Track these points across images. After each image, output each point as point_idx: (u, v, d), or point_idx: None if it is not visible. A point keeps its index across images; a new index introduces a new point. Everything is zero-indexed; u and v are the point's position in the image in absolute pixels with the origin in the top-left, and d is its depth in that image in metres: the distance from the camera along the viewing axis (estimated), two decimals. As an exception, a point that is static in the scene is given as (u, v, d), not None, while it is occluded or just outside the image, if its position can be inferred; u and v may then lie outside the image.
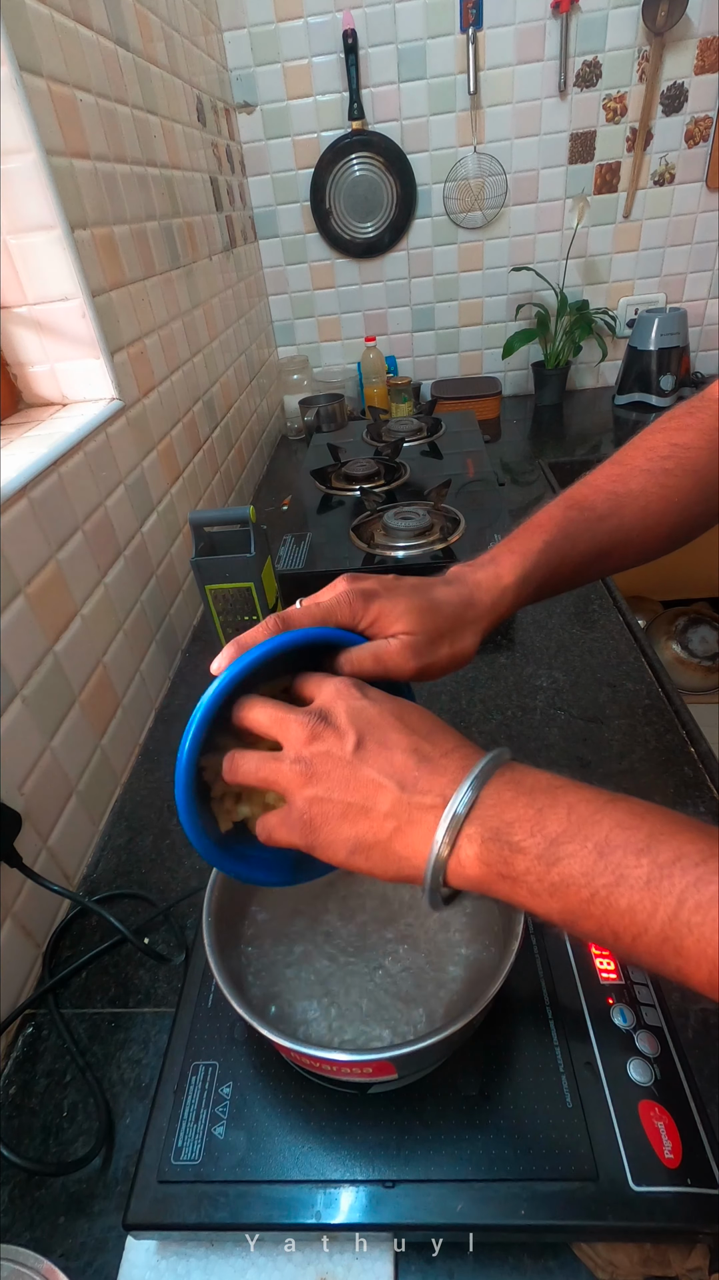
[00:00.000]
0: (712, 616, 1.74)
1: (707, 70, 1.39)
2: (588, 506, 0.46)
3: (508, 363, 1.70)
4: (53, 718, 0.62)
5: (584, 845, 0.27)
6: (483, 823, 0.29)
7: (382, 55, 1.40)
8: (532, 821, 0.28)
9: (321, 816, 0.32)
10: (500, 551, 0.44)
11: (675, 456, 0.47)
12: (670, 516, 0.47)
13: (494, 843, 0.28)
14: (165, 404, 0.94)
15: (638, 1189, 0.36)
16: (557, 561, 0.44)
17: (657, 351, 1.54)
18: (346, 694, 0.34)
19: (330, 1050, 0.37)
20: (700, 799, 0.63)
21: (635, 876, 0.25)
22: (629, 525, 0.46)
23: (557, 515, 0.45)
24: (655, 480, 0.46)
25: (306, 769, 0.32)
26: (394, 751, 0.32)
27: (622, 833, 0.27)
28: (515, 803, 0.29)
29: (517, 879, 0.28)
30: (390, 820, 0.31)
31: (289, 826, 0.33)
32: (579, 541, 0.45)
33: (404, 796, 0.31)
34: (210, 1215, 0.38)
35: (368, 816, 0.31)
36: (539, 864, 0.27)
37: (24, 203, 0.67)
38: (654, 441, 0.48)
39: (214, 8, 1.34)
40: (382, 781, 0.31)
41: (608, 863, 0.26)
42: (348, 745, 0.32)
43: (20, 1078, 0.50)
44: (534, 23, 1.36)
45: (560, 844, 0.27)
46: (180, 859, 0.65)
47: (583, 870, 0.27)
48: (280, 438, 1.71)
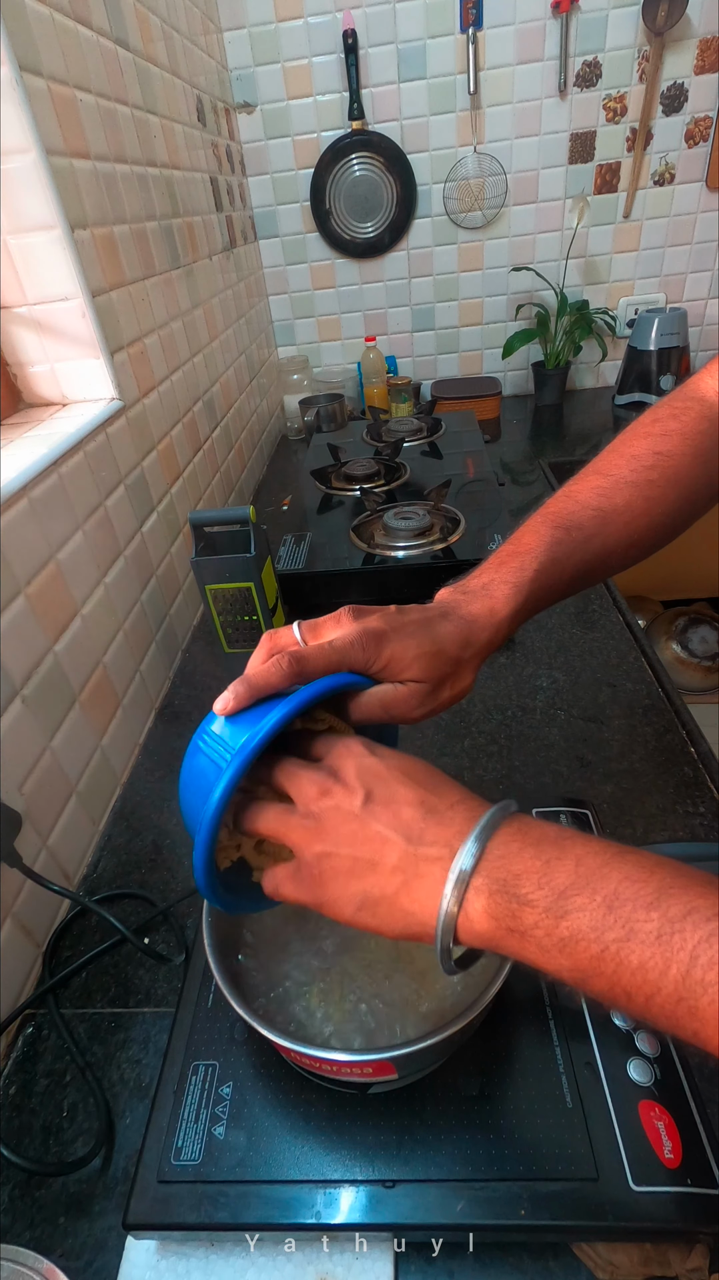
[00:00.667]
0: (712, 616, 1.74)
1: (707, 70, 1.39)
2: (575, 526, 0.45)
3: (508, 363, 1.70)
4: (53, 718, 0.62)
5: (593, 898, 0.26)
6: (490, 875, 0.28)
7: (381, 55, 1.40)
8: (539, 873, 0.28)
9: (330, 872, 0.32)
10: (492, 581, 0.43)
11: (659, 466, 0.46)
12: (653, 528, 0.46)
13: (502, 895, 0.28)
14: (165, 404, 0.94)
15: (638, 1189, 0.36)
16: (545, 587, 0.44)
17: (657, 351, 1.54)
18: (355, 751, 0.34)
19: (330, 1050, 0.37)
20: (700, 799, 0.63)
21: (646, 931, 0.25)
22: (614, 541, 0.46)
23: (545, 537, 0.45)
24: (640, 493, 0.46)
25: (316, 824, 0.32)
26: (401, 806, 0.32)
27: (631, 886, 0.26)
28: (522, 854, 0.28)
29: (525, 933, 0.27)
30: (397, 874, 0.30)
31: (298, 882, 0.33)
32: (567, 565, 0.45)
33: (410, 849, 0.30)
34: (210, 1215, 0.38)
35: (375, 871, 0.31)
36: (548, 917, 0.27)
37: (24, 203, 0.67)
38: (638, 449, 0.47)
39: (214, 8, 1.34)
40: (388, 835, 0.31)
41: (617, 916, 0.25)
42: (356, 800, 0.32)
43: (20, 1078, 0.50)
44: (534, 23, 1.36)
45: (569, 896, 0.27)
46: (180, 859, 0.65)
47: (592, 924, 0.26)
48: (280, 438, 1.71)
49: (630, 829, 0.61)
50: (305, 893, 0.33)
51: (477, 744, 0.72)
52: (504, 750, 0.71)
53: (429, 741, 0.73)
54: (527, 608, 0.43)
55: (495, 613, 0.42)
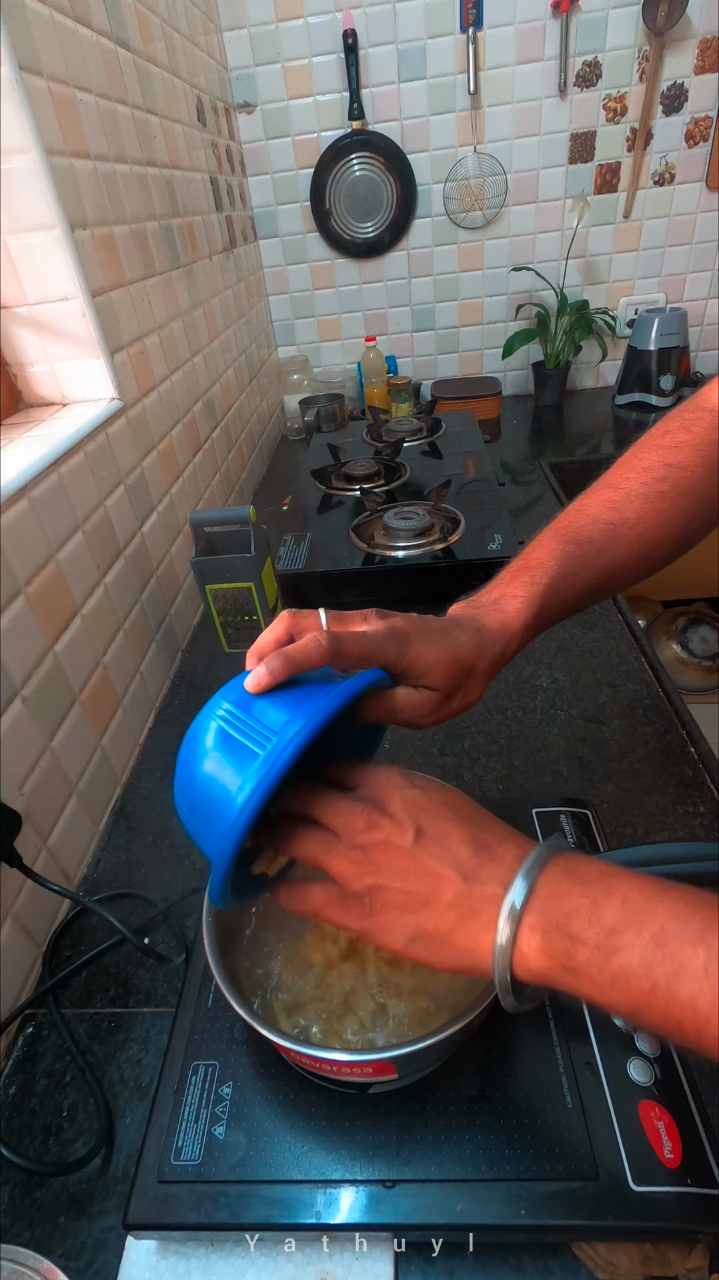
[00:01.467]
0: (712, 616, 1.74)
1: (707, 70, 1.39)
2: (585, 541, 0.45)
3: (508, 363, 1.70)
4: (53, 718, 0.62)
5: (641, 935, 0.27)
6: (543, 913, 0.29)
7: (381, 55, 1.40)
8: (588, 911, 0.28)
9: (381, 904, 0.32)
10: (504, 595, 0.44)
11: (670, 478, 0.46)
12: (666, 541, 0.46)
13: (555, 933, 0.28)
14: (165, 404, 0.94)
15: (638, 1189, 0.36)
16: (556, 602, 0.44)
17: (657, 351, 1.54)
18: (397, 783, 0.34)
19: (330, 1050, 0.37)
20: (701, 799, 0.63)
21: (694, 967, 0.25)
22: (625, 555, 0.46)
23: (555, 551, 0.45)
24: (651, 505, 0.46)
25: (364, 857, 0.32)
26: (453, 843, 0.32)
27: (676, 922, 0.26)
28: (572, 893, 0.29)
29: (579, 970, 0.28)
30: (453, 911, 0.31)
31: (343, 909, 0.33)
32: (579, 580, 0.45)
33: (467, 888, 0.31)
34: (210, 1215, 0.38)
35: (429, 906, 0.31)
36: (599, 954, 0.27)
37: (24, 203, 0.67)
38: (648, 461, 0.47)
39: (214, 8, 1.34)
40: (444, 872, 0.31)
41: (666, 953, 0.26)
42: (407, 836, 0.32)
43: (20, 1078, 0.50)
44: (534, 23, 1.36)
45: (618, 934, 0.27)
46: (180, 859, 0.65)
47: (642, 961, 0.26)
48: (280, 438, 1.71)
49: (630, 829, 0.61)
50: (353, 920, 0.33)
51: (476, 744, 0.72)
52: (504, 750, 0.71)
53: (429, 741, 0.73)
54: (538, 622, 0.43)
55: (507, 626, 0.42)
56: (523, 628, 0.42)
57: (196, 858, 0.65)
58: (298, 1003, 0.43)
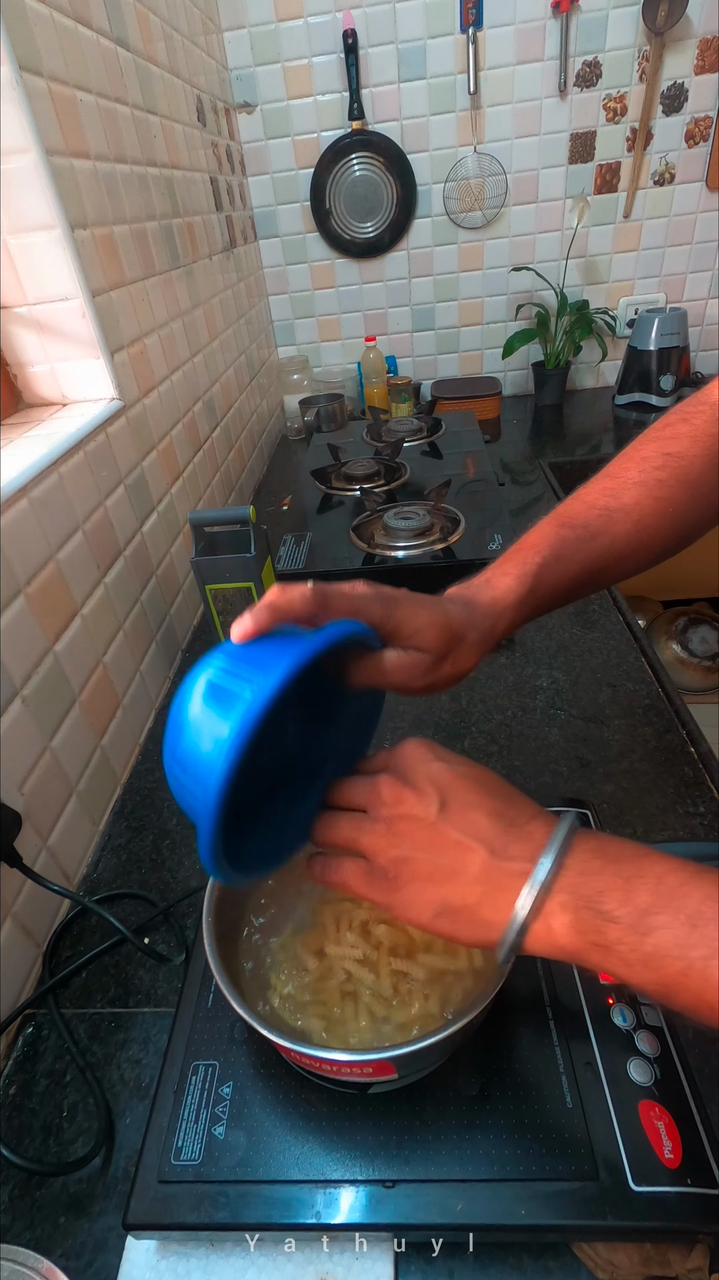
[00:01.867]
0: (712, 616, 1.74)
1: (707, 70, 1.39)
2: (580, 525, 0.46)
3: (508, 363, 1.70)
4: (53, 718, 0.62)
5: (676, 917, 0.27)
6: (573, 891, 0.29)
7: (381, 55, 1.40)
8: (621, 891, 0.28)
9: (407, 876, 0.32)
10: (495, 574, 0.44)
11: (669, 466, 0.46)
12: (665, 529, 0.46)
13: (586, 911, 0.28)
14: (165, 404, 0.94)
15: (638, 1189, 0.36)
16: (550, 583, 0.44)
17: (657, 351, 1.54)
18: (422, 755, 0.34)
19: (330, 1050, 0.36)
20: (700, 799, 0.63)
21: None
22: (623, 541, 0.46)
23: (549, 534, 0.45)
24: (649, 492, 0.46)
25: (388, 829, 0.32)
26: (478, 814, 0.32)
27: (712, 905, 0.27)
28: (604, 871, 0.29)
29: (609, 948, 0.28)
30: (479, 885, 0.31)
31: (370, 882, 0.33)
32: (572, 563, 0.45)
33: (494, 862, 0.31)
34: (210, 1215, 0.38)
35: (455, 879, 0.31)
36: (632, 934, 0.27)
37: (24, 203, 0.67)
38: (647, 451, 0.47)
39: (214, 8, 1.34)
40: (469, 844, 0.31)
41: (701, 935, 0.26)
42: (431, 807, 0.32)
43: (20, 1078, 0.50)
44: (534, 23, 1.36)
45: (651, 914, 0.27)
46: (180, 859, 0.65)
47: (676, 942, 0.26)
48: (280, 438, 1.71)
49: (630, 829, 0.61)
50: (379, 894, 0.33)
51: (477, 744, 0.72)
52: (504, 750, 0.71)
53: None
54: (530, 600, 0.43)
55: (497, 601, 0.42)
56: (514, 604, 0.42)
57: (197, 858, 0.65)
58: (298, 1002, 0.43)
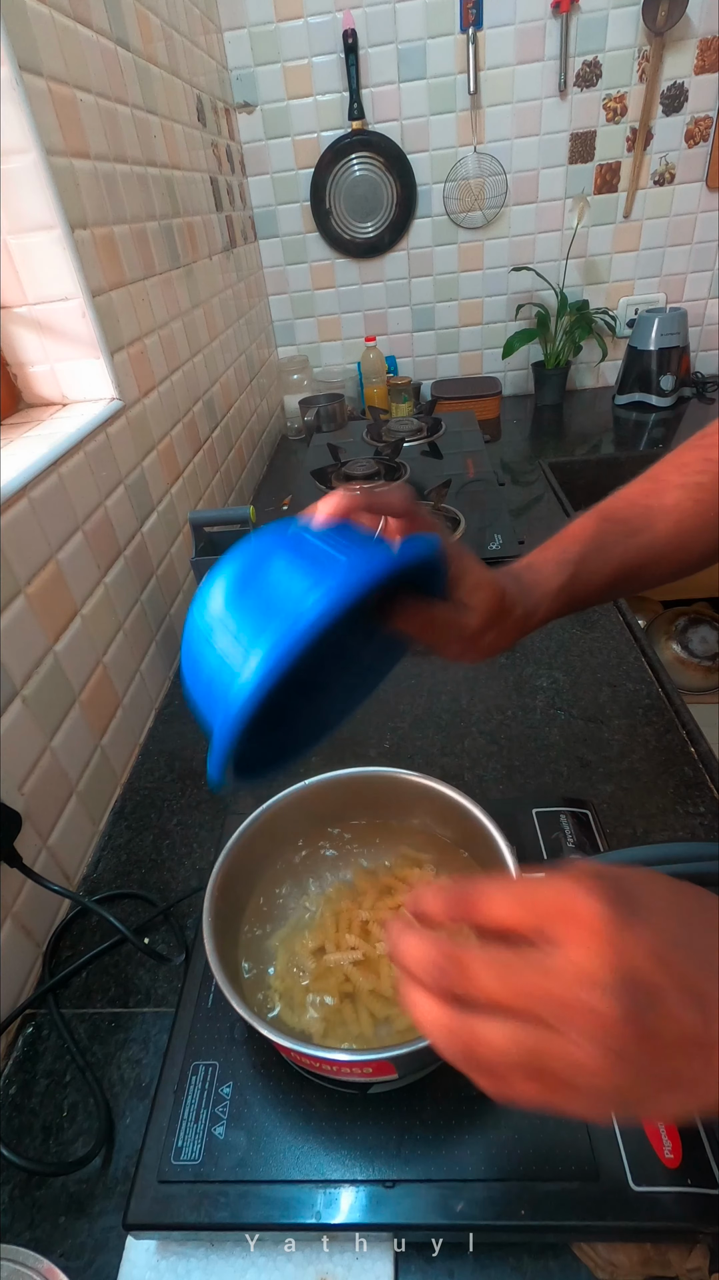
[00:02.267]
0: (712, 616, 1.74)
1: (707, 70, 1.39)
2: (621, 520, 0.46)
3: (508, 363, 1.70)
4: (53, 718, 0.62)
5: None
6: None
7: (381, 55, 1.40)
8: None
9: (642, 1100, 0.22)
10: (538, 560, 0.44)
11: (709, 471, 0.46)
12: (705, 533, 0.46)
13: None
14: (165, 404, 0.94)
15: (638, 1189, 0.36)
16: (589, 575, 0.44)
17: (657, 351, 1.54)
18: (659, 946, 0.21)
19: (330, 1050, 0.37)
20: (700, 799, 0.63)
21: None
22: (662, 541, 0.46)
23: (589, 527, 0.45)
24: (689, 495, 0.46)
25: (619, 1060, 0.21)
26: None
27: None
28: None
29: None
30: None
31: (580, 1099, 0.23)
32: (611, 556, 0.45)
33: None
34: (210, 1215, 0.38)
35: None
36: None
37: (24, 203, 0.67)
38: (688, 458, 0.47)
39: (214, 8, 1.34)
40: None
41: None
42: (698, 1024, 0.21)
43: (20, 1078, 0.50)
44: (534, 23, 1.36)
45: None
46: (180, 859, 0.65)
47: None
48: (280, 438, 1.71)
49: (630, 829, 0.61)
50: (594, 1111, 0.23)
51: (477, 744, 0.72)
52: (504, 750, 0.71)
53: (429, 741, 0.73)
54: (570, 588, 0.43)
55: (539, 585, 0.43)
56: (556, 590, 0.42)
57: (197, 858, 0.65)
58: (298, 1002, 0.43)
